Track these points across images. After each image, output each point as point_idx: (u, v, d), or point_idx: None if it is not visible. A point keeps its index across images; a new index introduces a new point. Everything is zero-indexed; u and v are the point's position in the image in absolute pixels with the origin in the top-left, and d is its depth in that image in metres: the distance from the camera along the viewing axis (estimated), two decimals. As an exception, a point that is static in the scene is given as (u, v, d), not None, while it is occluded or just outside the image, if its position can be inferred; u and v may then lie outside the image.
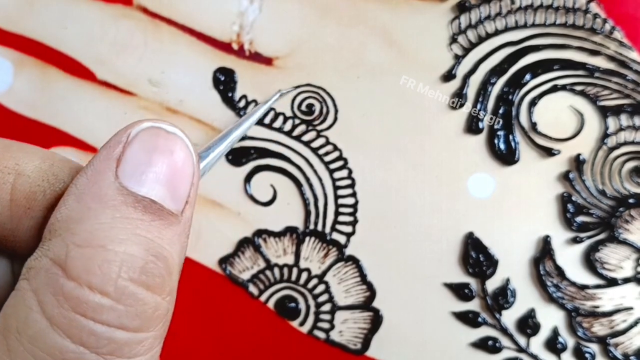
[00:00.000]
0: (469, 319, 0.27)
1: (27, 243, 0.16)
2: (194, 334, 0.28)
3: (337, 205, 0.27)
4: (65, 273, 0.14)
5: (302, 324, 0.28)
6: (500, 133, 0.27)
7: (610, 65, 0.27)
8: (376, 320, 0.27)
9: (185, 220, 0.15)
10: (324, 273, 0.27)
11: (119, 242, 0.14)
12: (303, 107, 0.28)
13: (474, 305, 0.27)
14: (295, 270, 0.28)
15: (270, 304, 0.28)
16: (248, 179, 0.28)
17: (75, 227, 0.14)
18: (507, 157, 0.27)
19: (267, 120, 0.28)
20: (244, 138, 0.28)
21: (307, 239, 0.27)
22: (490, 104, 0.27)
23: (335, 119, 0.28)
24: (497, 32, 0.27)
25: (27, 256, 0.15)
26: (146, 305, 0.14)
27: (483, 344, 0.27)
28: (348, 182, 0.28)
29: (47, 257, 0.14)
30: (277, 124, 0.28)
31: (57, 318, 0.13)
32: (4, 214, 0.16)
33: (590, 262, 0.27)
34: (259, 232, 0.27)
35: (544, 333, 0.27)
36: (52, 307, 0.13)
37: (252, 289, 0.28)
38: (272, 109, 0.28)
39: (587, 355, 0.27)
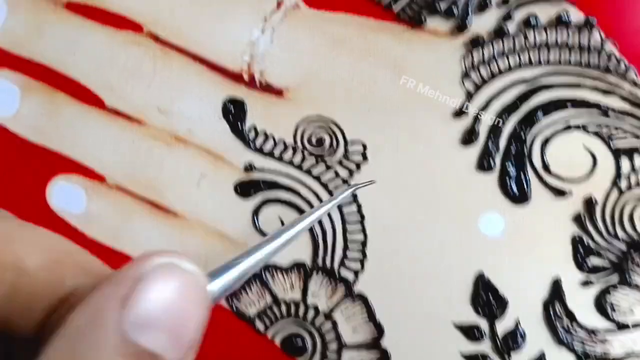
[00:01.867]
0: (478, 361, 0.27)
1: (26, 334, 0.15)
2: (198, 368, 0.27)
3: (346, 241, 0.27)
4: None
5: (308, 360, 0.27)
6: (512, 172, 0.27)
7: (624, 106, 0.27)
8: None
9: None
10: (332, 310, 0.27)
11: None
12: (313, 141, 0.27)
13: (483, 346, 0.27)
14: (302, 307, 0.27)
15: (277, 341, 0.27)
16: (256, 211, 0.27)
17: None
18: (518, 196, 0.27)
19: (277, 154, 0.28)
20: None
21: (314, 274, 0.27)
22: (502, 142, 0.27)
23: (346, 152, 0.27)
24: (510, 69, 0.27)
25: (25, 340, 0.14)
26: None
27: (492, 387, 0.27)
28: (357, 217, 0.27)
29: None
30: (287, 157, 0.28)
31: None
32: (1, 312, 0.15)
33: (601, 305, 0.26)
34: (267, 267, 0.27)
35: (553, 377, 0.27)
36: None
37: (259, 324, 0.27)
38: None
39: (596, 400, 0.26)
